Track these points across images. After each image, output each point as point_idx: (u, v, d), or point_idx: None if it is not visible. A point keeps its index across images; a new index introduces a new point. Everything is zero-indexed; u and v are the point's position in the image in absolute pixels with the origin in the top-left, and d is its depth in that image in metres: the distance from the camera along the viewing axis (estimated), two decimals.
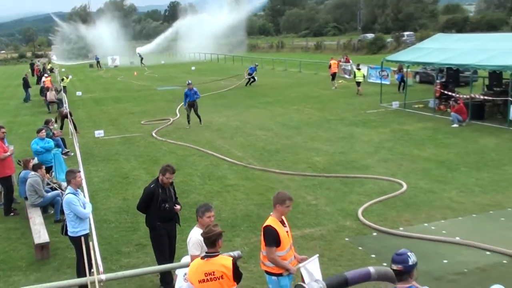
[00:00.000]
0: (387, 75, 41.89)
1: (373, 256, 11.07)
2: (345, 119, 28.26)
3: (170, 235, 10.47)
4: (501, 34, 46.36)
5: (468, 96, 27.50)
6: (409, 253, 6.27)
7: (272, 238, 8.03)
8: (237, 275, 7.02)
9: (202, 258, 7.04)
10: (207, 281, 6.90)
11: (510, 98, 24.86)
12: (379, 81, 38.34)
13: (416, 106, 31.65)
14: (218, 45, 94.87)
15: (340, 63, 52.48)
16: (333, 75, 43.59)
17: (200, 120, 27.54)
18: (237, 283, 7.08)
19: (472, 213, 13.92)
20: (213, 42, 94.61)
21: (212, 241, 6.97)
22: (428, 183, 16.54)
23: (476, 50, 28.05)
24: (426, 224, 13.13)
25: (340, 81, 45.84)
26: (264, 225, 8.19)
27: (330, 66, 44.99)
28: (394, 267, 6.28)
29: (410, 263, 6.21)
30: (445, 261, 10.74)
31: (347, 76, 49.36)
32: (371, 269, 7.63)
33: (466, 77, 32.99)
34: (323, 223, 13.54)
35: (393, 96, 34.14)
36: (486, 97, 27.70)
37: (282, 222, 8.25)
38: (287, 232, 8.25)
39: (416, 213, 14.02)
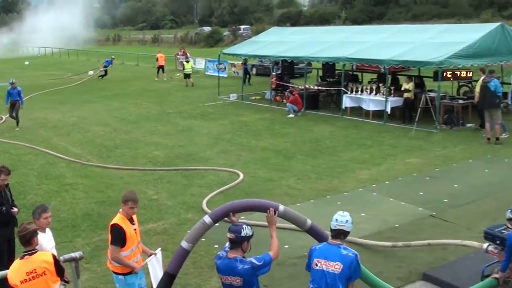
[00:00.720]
0: (225, 68, 42.56)
1: (216, 246, 11.19)
2: (184, 112, 28.37)
3: (9, 240, 10.01)
4: (333, 27, 48.61)
5: (303, 87, 28.52)
6: (244, 226, 6.75)
7: (118, 237, 7.85)
8: (59, 269, 6.87)
9: (21, 258, 6.82)
10: (29, 280, 6.66)
11: (342, 88, 26.07)
12: (216, 74, 38.79)
13: (253, 98, 32.39)
14: (54, 39, 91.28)
15: (178, 56, 52.59)
16: (161, 68, 44.83)
17: (17, 123, 25.64)
18: (61, 278, 6.94)
19: (310, 199, 14.50)
20: (49, 36, 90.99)
21: (27, 239, 6.78)
22: (267, 172, 17.00)
23: (309, 42, 29.18)
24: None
25: (178, 74, 45.92)
26: (112, 222, 7.98)
27: (157, 59, 45.70)
28: (228, 235, 6.74)
29: (242, 234, 6.67)
30: (286, 246, 11.05)
31: None
32: (183, 244, 7.53)
33: (300, 68, 34.15)
34: (165, 217, 13.53)
35: (230, 89, 34.61)
36: (320, 88, 28.88)
37: (131, 220, 8.09)
38: (135, 230, 8.10)
39: None
